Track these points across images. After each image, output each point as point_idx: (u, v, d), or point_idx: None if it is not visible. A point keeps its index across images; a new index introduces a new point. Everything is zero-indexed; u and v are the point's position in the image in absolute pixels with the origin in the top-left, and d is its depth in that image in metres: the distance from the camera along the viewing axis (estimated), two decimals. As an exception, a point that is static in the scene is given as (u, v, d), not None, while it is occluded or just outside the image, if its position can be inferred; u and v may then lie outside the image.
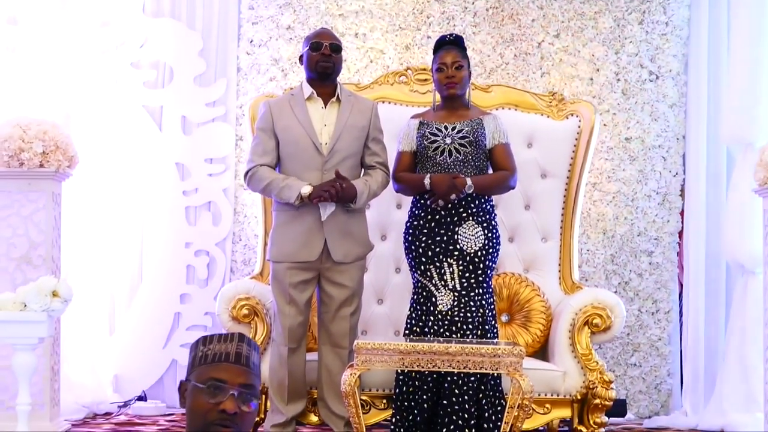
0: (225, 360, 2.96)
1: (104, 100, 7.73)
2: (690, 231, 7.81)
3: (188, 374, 3.01)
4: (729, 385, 7.39)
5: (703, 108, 7.80)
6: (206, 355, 2.99)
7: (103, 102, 7.72)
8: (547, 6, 7.81)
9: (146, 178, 7.83)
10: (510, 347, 5.46)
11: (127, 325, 7.71)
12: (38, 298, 4.72)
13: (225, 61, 7.92)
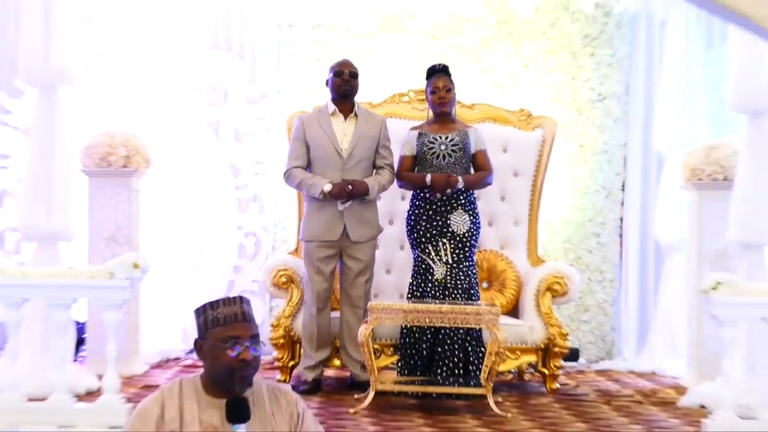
0: (236, 320, 2.93)
1: (174, 115, 7.73)
2: (628, 218, 7.86)
3: (202, 334, 2.97)
4: (658, 337, 7.44)
5: (640, 122, 7.85)
6: (217, 318, 2.94)
7: (174, 116, 7.72)
8: (518, 43, 7.80)
9: (207, 176, 7.82)
10: (489, 307, 5.53)
11: (192, 290, 7.70)
12: (122, 269, 4.73)
13: (268, 85, 7.90)
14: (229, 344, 2.89)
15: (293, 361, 6.17)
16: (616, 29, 7.89)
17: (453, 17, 7.80)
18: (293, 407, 3.07)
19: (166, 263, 7.56)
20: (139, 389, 5.90)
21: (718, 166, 6.40)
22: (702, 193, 6.49)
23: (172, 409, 2.94)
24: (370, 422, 4.99)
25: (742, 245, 5.68)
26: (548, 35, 7.86)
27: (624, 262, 7.87)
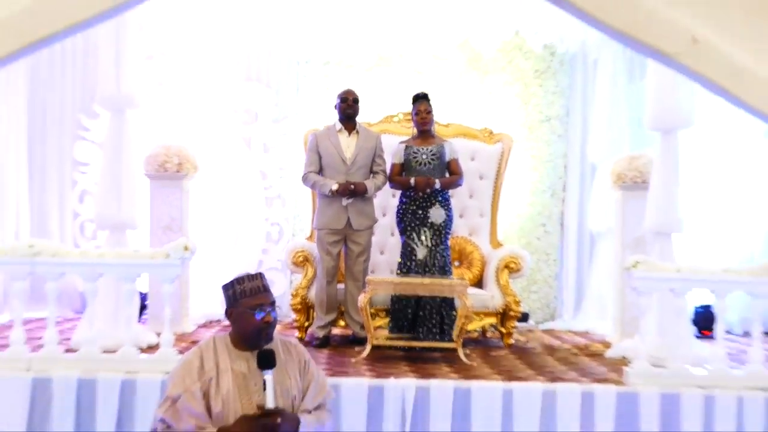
0: (259, 292, 3.00)
1: (216, 131, 7.73)
2: (568, 212, 7.92)
3: (233, 304, 3.01)
4: (590, 304, 7.49)
5: (577, 138, 7.88)
6: (245, 290, 3.00)
7: (215, 133, 7.72)
8: (483, 77, 7.83)
9: (241, 179, 7.83)
10: (460, 281, 5.55)
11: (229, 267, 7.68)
12: (175, 251, 4.75)
13: (289, 108, 7.91)
14: (256, 310, 2.95)
15: (308, 322, 6.20)
16: (560, 65, 7.92)
17: (434, 56, 7.83)
18: (301, 356, 3.14)
19: (210, 246, 7.57)
20: (189, 344, 5.88)
21: (638, 171, 6.42)
22: (625, 192, 6.50)
23: (210, 361, 2.99)
24: (367, 369, 5.00)
25: (656, 233, 5.70)
26: (507, 70, 7.88)
27: (564, 246, 7.90)
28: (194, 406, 2.87)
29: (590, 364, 5.43)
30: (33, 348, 4.84)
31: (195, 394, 2.89)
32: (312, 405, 3.08)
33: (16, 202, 7.41)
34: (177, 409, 2.89)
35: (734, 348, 6.17)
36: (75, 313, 7.33)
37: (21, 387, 4.46)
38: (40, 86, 7.67)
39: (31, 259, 4.67)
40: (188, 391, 2.89)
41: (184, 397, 2.88)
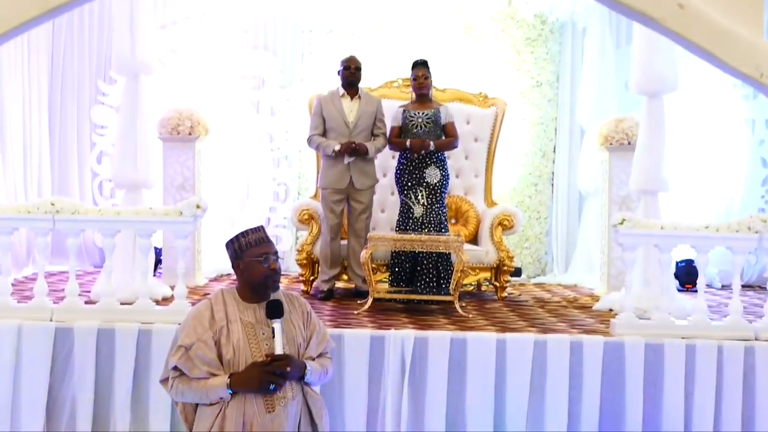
0: (263, 242, 2.94)
1: (226, 96, 7.58)
2: (558, 172, 7.76)
3: (239, 256, 2.94)
4: (579, 259, 7.41)
5: (567, 102, 7.72)
6: (250, 242, 2.94)
7: (225, 98, 7.58)
8: (477, 44, 7.63)
9: (250, 142, 7.71)
10: (456, 237, 5.47)
11: (240, 222, 7.62)
12: (188, 209, 4.67)
13: (294, 75, 7.77)
14: (262, 259, 2.90)
15: (313, 276, 6.11)
16: (550, 33, 7.73)
17: (431, 25, 7.62)
18: (303, 307, 3.08)
19: (220, 205, 7.51)
20: (201, 296, 5.83)
21: (624, 134, 6.34)
22: (612, 153, 6.41)
23: (220, 312, 2.93)
24: (368, 321, 4.93)
25: (641, 192, 5.60)
26: (500, 38, 7.69)
27: (554, 205, 7.76)
28: (207, 353, 2.83)
29: (579, 316, 5.35)
30: (55, 299, 4.80)
31: (207, 343, 2.84)
32: (315, 353, 3.03)
33: (38, 163, 7.33)
34: (190, 357, 2.83)
35: (714, 300, 6.11)
36: (94, 267, 7.27)
37: (44, 336, 4.43)
38: (60, 54, 7.56)
39: (53, 216, 4.61)
40: (201, 340, 2.84)
41: (196, 346, 2.83)
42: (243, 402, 2.83)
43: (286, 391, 2.87)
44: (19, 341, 4.41)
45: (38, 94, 7.33)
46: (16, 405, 4.37)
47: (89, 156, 7.62)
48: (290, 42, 7.77)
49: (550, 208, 7.78)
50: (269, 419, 2.83)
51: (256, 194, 7.76)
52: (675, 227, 4.66)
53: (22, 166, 7.05)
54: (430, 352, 4.37)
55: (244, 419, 2.82)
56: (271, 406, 2.83)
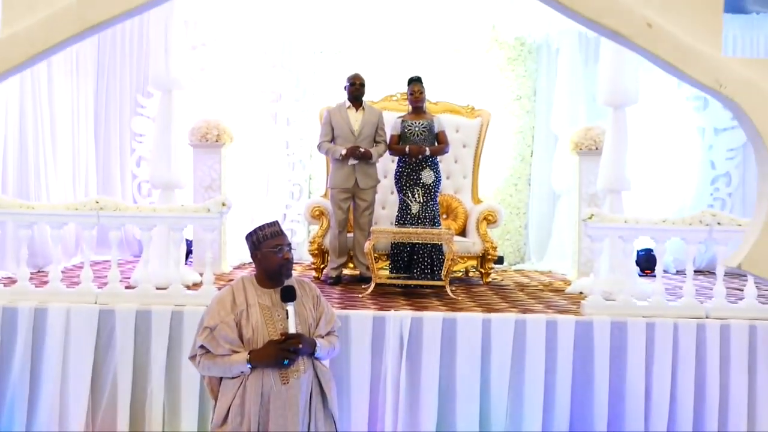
0: (278, 235, 2.92)
1: (248, 108, 7.52)
2: (534, 174, 7.68)
3: (257, 248, 2.91)
4: (553, 249, 7.35)
5: (543, 112, 7.64)
6: (266, 235, 2.91)
7: (247, 110, 7.52)
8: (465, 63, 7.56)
9: (268, 148, 7.66)
10: (447, 230, 5.41)
11: (259, 217, 7.58)
12: (215, 206, 4.62)
13: (307, 89, 7.69)
14: (277, 249, 2.87)
15: (323, 264, 6.05)
16: (528, 53, 7.66)
17: (425, 47, 7.54)
18: (314, 292, 3.05)
19: (243, 203, 7.46)
20: (226, 282, 5.78)
21: (593, 140, 6.28)
22: (582, 157, 6.36)
23: (240, 297, 2.91)
24: (371, 303, 4.87)
25: (607, 190, 5.54)
26: (484, 58, 7.62)
27: (531, 202, 7.69)
28: (229, 333, 2.81)
29: (553, 298, 5.30)
30: (99, 285, 4.74)
31: (229, 324, 2.82)
32: (324, 331, 3.01)
33: (85, 167, 7.26)
34: (214, 337, 2.82)
35: (670, 284, 6.04)
36: (134, 257, 7.22)
37: (89, 317, 4.38)
38: (104, 71, 7.51)
39: (98, 212, 4.58)
40: (224, 321, 2.81)
41: (220, 327, 2.81)
42: (261, 376, 2.81)
43: (299, 365, 2.86)
44: (67, 322, 4.36)
45: (85, 106, 7.27)
46: (65, 377, 4.33)
47: (129, 160, 7.57)
48: (304, 61, 7.70)
49: (527, 204, 7.71)
50: (284, 390, 2.81)
51: (273, 193, 7.70)
52: (637, 221, 4.61)
53: (71, 169, 6.99)
54: (424, 330, 4.32)
55: (262, 390, 2.81)
56: (285, 379, 2.82)
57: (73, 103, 7.03)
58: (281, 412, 2.80)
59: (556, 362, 4.31)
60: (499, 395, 4.29)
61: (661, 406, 4.27)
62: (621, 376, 4.32)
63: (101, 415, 4.33)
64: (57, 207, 4.69)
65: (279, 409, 2.80)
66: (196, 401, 4.31)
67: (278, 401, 2.81)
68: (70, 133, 6.99)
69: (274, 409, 2.80)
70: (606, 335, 4.34)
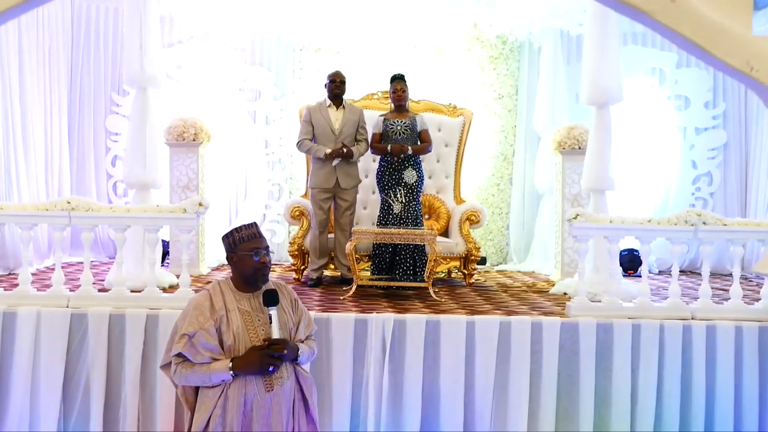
0: (255, 237, 2.81)
1: (226, 107, 7.39)
2: (516, 173, 7.60)
3: (233, 250, 2.80)
4: (536, 249, 7.29)
5: (524, 111, 7.57)
6: (243, 237, 2.80)
7: (225, 108, 7.38)
8: (447, 62, 7.47)
9: (247, 147, 7.53)
10: (430, 231, 5.31)
11: (238, 219, 7.50)
12: (191, 207, 4.49)
13: (286, 88, 7.56)
14: (253, 253, 2.76)
15: (303, 266, 5.92)
16: (510, 52, 7.59)
17: (406, 45, 7.44)
18: (291, 295, 2.96)
19: (222, 203, 7.35)
20: (204, 284, 5.64)
21: (576, 140, 6.22)
22: (565, 157, 6.29)
23: (219, 302, 2.79)
24: (353, 305, 4.75)
25: (591, 190, 5.48)
26: (466, 57, 7.54)
27: (514, 202, 7.62)
28: (209, 340, 2.71)
29: (537, 299, 5.22)
30: (72, 288, 4.59)
31: (209, 331, 2.71)
32: (303, 335, 2.93)
33: (59, 166, 7.07)
34: (193, 345, 2.71)
35: (653, 284, 6.01)
36: (109, 258, 7.04)
37: (61, 320, 4.23)
38: (78, 69, 7.32)
39: (69, 213, 4.42)
40: (203, 328, 2.72)
41: (199, 334, 2.71)
42: (244, 383, 2.71)
43: (282, 371, 2.78)
44: (38, 326, 4.21)
45: (58, 104, 7.06)
46: (35, 383, 4.17)
47: (104, 160, 7.39)
48: (283, 59, 7.57)
49: (509, 204, 7.64)
50: (269, 398, 2.73)
51: (253, 193, 7.56)
52: (622, 221, 4.54)
53: (44, 168, 6.80)
54: (407, 333, 4.21)
55: (245, 399, 2.71)
56: (270, 386, 2.73)
57: (45, 99, 6.84)
58: (266, 420, 2.73)
59: (541, 364, 4.22)
60: (484, 398, 4.19)
61: (647, 407, 4.20)
62: (607, 378, 4.24)
63: (73, 419, 4.20)
64: (27, 207, 4.52)
65: (264, 417, 2.72)
66: (172, 406, 4.17)
67: (262, 409, 2.72)
68: (42, 131, 6.79)
69: (258, 417, 2.71)
70: (592, 337, 4.26)
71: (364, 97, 6.71)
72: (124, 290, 4.46)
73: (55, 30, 6.97)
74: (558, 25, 6.80)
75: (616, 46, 5.36)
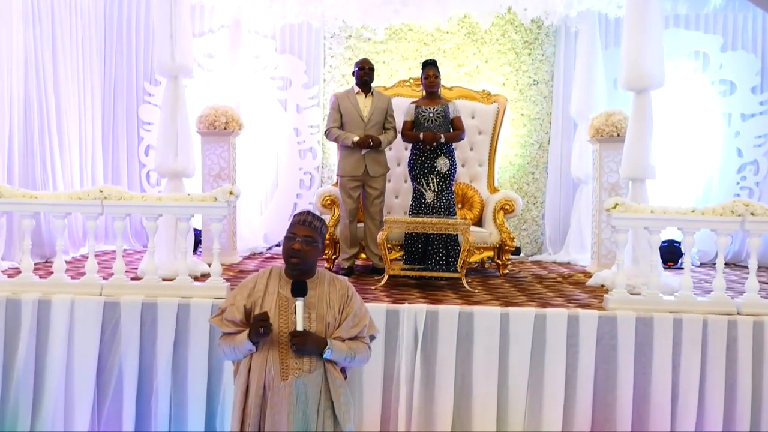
0: (298, 224, 2.85)
1: (256, 95, 7.36)
2: (552, 162, 7.41)
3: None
4: (572, 239, 7.12)
5: (560, 98, 7.36)
6: (293, 221, 2.89)
7: (257, 96, 7.36)
8: (480, 47, 7.33)
9: (278, 136, 7.51)
10: (463, 220, 5.24)
11: (270, 208, 7.52)
12: (222, 195, 4.48)
13: (317, 76, 7.50)
14: (291, 236, 2.83)
15: (335, 255, 5.90)
16: (546, 37, 7.40)
17: (438, 30, 7.30)
18: (344, 291, 2.90)
19: (254, 191, 7.34)
20: (236, 273, 5.66)
21: (614, 127, 6.04)
22: (602, 145, 6.11)
23: (261, 285, 2.88)
24: (384, 295, 4.71)
25: (630, 179, 5.31)
26: (500, 41, 7.38)
27: (549, 191, 7.45)
28: (235, 315, 2.82)
29: (573, 291, 5.09)
30: (105, 276, 4.61)
31: (238, 307, 2.83)
32: (347, 334, 2.83)
33: (92, 156, 7.14)
34: (222, 318, 2.86)
35: (695, 277, 5.78)
36: (143, 247, 7.07)
37: (94, 309, 4.26)
38: (111, 59, 7.37)
39: (101, 202, 4.45)
40: (234, 304, 2.84)
41: (229, 310, 2.84)
42: (264, 367, 2.76)
43: (303, 363, 2.75)
44: (72, 314, 4.25)
45: (92, 95, 7.12)
46: (69, 369, 4.22)
47: (137, 149, 7.45)
48: (314, 47, 7.50)
49: (545, 193, 7.47)
50: (282, 387, 2.74)
51: (284, 182, 7.54)
52: (664, 211, 4.38)
53: (79, 158, 6.86)
54: (440, 324, 4.14)
55: (264, 383, 2.76)
56: (285, 375, 2.75)
57: (79, 90, 6.90)
58: (277, 409, 2.74)
59: (578, 359, 4.12)
60: (518, 394, 4.11)
61: (689, 406, 4.06)
62: (646, 375, 4.11)
63: (107, 407, 4.23)
64: (60, 196, 4.58)
65: (277, 405, 2.74)
66: (204, 393, 4.19)
67: (276, 396, 2.75)
68: (77, 121, 6.86)
69: (271, 405, 2.75)
70: (631, 331, 4.13)
71: (396, 84, 6.64)
72: (156, 279, 4.48)
73: (88, 21, 7.03)
74: (596, 8, 6.60)
75: (658, 28, 5.17)
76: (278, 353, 2.77)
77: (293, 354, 2.74)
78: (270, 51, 7.46)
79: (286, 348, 2.74)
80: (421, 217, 5.27)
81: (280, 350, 2.77)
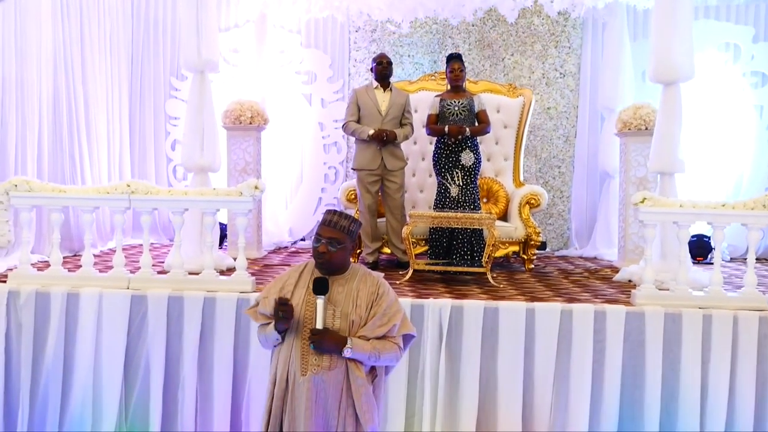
0: (325, 225, 2.81)
1: (282, 90, 7.38)
2: (578, 156, 7.33)
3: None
4: (599, 234, 7.02)
5: (587, 91, 7.28)
6: (322, 221, 2.85)
7: (282, 91, 7.38)
8: (507, 39, 7.25)
9: (303, 130, 7.51)
10: (488, 215, 5.17)
11: (295, 203, 7.52)
12: (248, 190, 4.48)
13: (342, 70, 7.49)
14: (317, 238, 2.81)
15: (359, 249, 5.87)
16: (573, 29, 7.29)
17: (463, 23, 7.22)
18: (375, 288, 2.83)
19: (279, 186, 7.35)
20: (261, 267, 5.67)
21: (642, 120, 5.94)
22: (630, 138, 6.02)
23: (292, 279, 2.90)
24: (409, 290, 4.69)
25: (658, 173, 5.21)
26: (527, 34, 7.29)
27: (575, 185, 7.37)
28: (267, 308, 2.85)
29: (600, 286, 5.02)
30: (132, 269, 4.66)
31: (269, 301, 2.83)
32: (372, 333, 2.75)
33: (120, 150, 7.22)
34: (256, 310, 2.93)
35: (725, 272, 5.66)
36: (170, 241, 7.14)
37: (122, 302, 4.30)
38: (138, 55, 7.43)
39: (128, 196, 4.48)
40: (267, 297, 2.87)
41: (262, 302, 2.89)
42: (288, 361, 2.78)
43: (322, 360, 2.73)
44: (100, 307, 4.30)
45: (119, 90, 7.20)
46: (97, 362, 4.27)
47: (164, 144, 7.51)
48: (339, 41, 7.50)
49: (571, 188, 7.39)
50: (302, 382, 2.73)
51: (309, 176, 7.55)
52: (693, 205, 4.29)
53: (107, 153, 6.95)
54: (465, 319, 4.10)
55: (287, 376, 2.77)
56: (304, 370, 2.74)
57: (107, 86, 6.97)
58: (297, 403, 2.74)
59: (605, 356, 4.05)
60: (543, 391, 4.06)
61: (719, 404, 3.97)
62: (675, 372, 4.04)
63: (134, 401, 4.27)
64: (88, 191, 4.61)
65: (296, 400, 2.75)
66: (229, 386, 4.21)
67: (296, 392, 2.75)
68: (105, 117, 6.94)
69: (291, 399, 2.76)
70: (659, 327, 4.05)
71: (421, 77, 6.60)
72: (182, 273, 4.50)
73: (115, 17, 7.09)
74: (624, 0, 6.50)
75: (688, 19, 5.05)
76: (300, 348, 2.77)
77: (313, 350, 2.73)
78: (295, 45, 7.46)
79: (308, 343, 2.74)
80: (446, 212, 5.24)
81: (302, 345, 2.76)
